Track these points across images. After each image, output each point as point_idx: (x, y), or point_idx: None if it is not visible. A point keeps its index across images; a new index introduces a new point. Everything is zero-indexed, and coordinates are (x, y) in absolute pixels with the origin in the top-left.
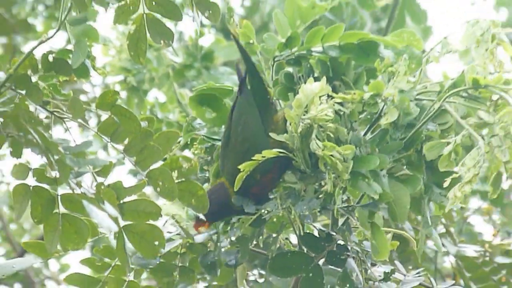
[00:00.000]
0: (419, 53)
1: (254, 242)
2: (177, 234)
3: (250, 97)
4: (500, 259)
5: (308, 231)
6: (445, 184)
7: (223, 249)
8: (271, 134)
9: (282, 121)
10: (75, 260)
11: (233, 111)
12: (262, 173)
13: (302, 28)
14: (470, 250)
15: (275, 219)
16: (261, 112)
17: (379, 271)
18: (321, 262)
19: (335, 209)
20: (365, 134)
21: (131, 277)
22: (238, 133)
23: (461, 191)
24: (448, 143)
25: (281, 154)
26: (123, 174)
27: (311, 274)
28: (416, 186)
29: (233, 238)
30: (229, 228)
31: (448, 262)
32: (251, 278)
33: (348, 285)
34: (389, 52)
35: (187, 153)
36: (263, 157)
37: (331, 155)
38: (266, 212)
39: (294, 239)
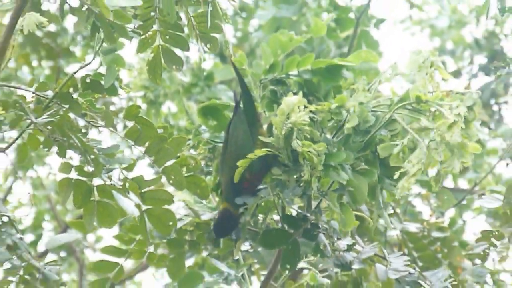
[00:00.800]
0: (376, 65)
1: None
2: (186, 215)
3: (242, 116)
4: (436, 234)
5: (288, 213)
6: (395, 177)
7: None
8: (260, 137)
9: (266, 134)
10: (107, 234)
11: (229, 127)
12: (250, 172)
13: (282, 57)
14: (412, 227)
15: (263, 204)
16: (250, 127)
17: (343, 243)
18: (298, 237)
19: (312, 194)
20: (333, 137)
21: (150, 249)
22: (232, 145)
23: (408, 182)
24: (397, 145)
25: (269, 153)
26: (143, 167)
27: (290, 247)
28: (372, 177)
29: None
30: None
31: (395, 236)
32: (243, 249)
33: (319, 255)
34: (350, 74)
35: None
36: (255, 155)
37: (309, 151)
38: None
39: (277, 218)
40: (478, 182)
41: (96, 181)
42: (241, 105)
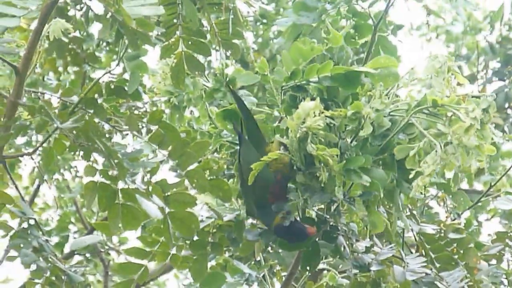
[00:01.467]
0: (395, 70)
1: None
2: (208, 217)
3: (248, 144)
4: (452, 235)
5: (308, 215)
6: (411, 176)
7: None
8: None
9: (273, 150)
10: (132, 236)
11: (239, 157)
12: (270, 184)
13: (303, 64)
14: (429, 228)
15: None
16: (257, 147)
17: (361, 245)
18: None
19: (340, 201)
20: (351, 142)
21: (174, 251)
22: (246, 172)
23: (422, 181)
24: (413, 148)
25: (282, 154)
26: (166, 172)
27: (310, 248)
28: (385, 182)
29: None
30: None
31: (412, 237)
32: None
33: (338, 256)
34: (368, 80)
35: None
36: (269, 158)
37: (323, 154)
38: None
39: None
40: (493, 184)
41: (121, 185)
42: (245, 132)
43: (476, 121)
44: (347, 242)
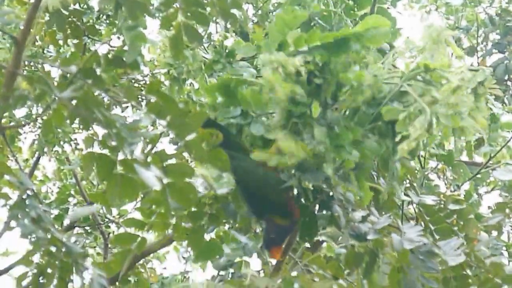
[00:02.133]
0: (386, 29)
1: None
2: (205, 189)
3: (233, 154)
4: (452, 206)
5: (304, 187)
6: (397, 139)
7: None
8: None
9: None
10: (131, 208)
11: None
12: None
13: (293, 34)
14: (429, 200)
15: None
16: (244, 155)
17: (358, 215)
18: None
19: (333, 178)
20: (344, 113)
21: (172, 221)
22: (244, 181)
23: (408, 145)
24: (404, 111)
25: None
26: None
27: (307, 219)
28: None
29: None
30: None
31: (412, 209)
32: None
33: (334, 225)
34: (357, 45)
35: None
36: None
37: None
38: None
39: None
40: (493, 156)
41: (119, 155)
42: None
43: (464, 82)
44: (344, 212)
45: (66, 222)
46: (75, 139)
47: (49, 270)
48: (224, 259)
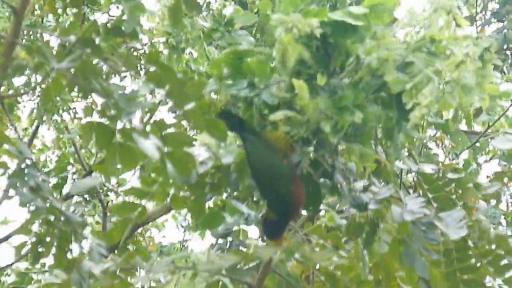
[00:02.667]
0: (390, 6)
1: None
2: (208, 158)
3: (253, 141)
4: (450, 175)
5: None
6: (408, 106)
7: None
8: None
9: (279, 138)
10: (130, 178)
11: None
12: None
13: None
14: (428, 168)
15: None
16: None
17: (359, 185)
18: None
19: (330, 136)
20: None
21: (172, 191)
22: (260, 173)
23: (420, 112)
24: (410, 81)
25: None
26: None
27: (311, 188)
28: (380, 118)
29: None
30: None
31: (410, 178)
32: None
33: (336, 194)
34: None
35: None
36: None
37: None
38: None
39: None
40: (492, 124)
41: (119, 125)
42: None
43: (468, 57)
44: (345, 182)
45: (65, 191)
46: (74, 108)
47: (47, 239)
48: (222, 227)
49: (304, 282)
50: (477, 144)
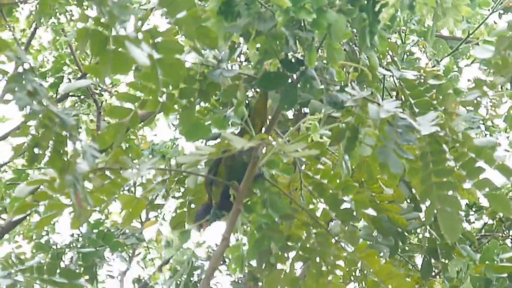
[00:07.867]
0: None
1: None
2: (195, 63)
3: None
4: (432, 81)
5: (285, 58)
6: (377, 9)
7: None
8: None
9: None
10: (124, 78)
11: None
12: None
13: None
14: (410, 74)
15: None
16: None
17: (337, 87)
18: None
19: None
20: None
21: (164, 98)
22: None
23: (388, 12)
24: None
25: None
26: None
27: (288, 88)
28: (351, 15)
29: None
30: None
31: (392, 83)
32: (250, 94)
33: (308, 85)
34: None
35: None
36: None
37: None
38: None
39: None
40: (471, 33)
41: (112, 32)
42: None
43: None
44: (324, 86)
45: (61, 90)
46: (71, 10)
47: (43, 142)
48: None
49: (293, 193)
50: (458, 50)
